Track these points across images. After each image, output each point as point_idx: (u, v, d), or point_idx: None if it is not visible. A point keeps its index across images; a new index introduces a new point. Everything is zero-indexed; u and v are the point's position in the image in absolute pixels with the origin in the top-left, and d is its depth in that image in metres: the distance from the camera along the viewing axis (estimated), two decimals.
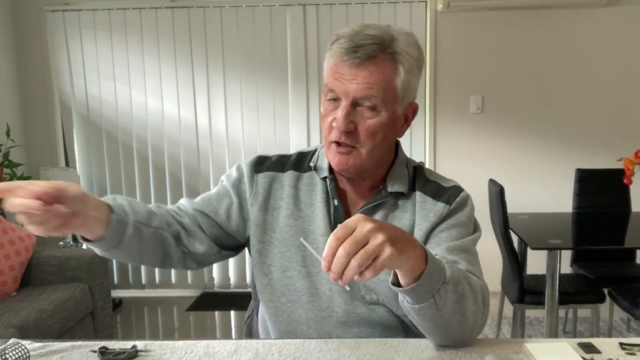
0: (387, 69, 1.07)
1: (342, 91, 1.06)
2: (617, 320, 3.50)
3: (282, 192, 1.22)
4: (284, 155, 1.28)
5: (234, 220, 1.21)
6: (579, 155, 3.75)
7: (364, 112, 1.07)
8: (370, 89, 1.05)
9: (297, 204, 1.21)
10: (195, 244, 1.17)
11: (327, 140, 1.12)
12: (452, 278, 0.94)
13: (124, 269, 4.09)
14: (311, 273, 1.18)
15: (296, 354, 1.04)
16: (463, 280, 0.98)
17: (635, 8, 3.62)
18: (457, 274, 0.96)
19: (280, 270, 1.19)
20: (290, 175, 1.23)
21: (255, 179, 1.22)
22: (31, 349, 1.07)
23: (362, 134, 1.08)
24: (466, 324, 1.00)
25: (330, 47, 1.10)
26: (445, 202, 1.16)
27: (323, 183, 1.20)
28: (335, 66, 1.07)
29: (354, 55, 1.04)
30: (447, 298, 0.94)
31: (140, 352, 1.05)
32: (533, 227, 3.04)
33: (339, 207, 1.18)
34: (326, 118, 1.11)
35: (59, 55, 3.89)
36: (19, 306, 2.62)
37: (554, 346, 1.01)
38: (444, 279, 0.92)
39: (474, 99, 3.75)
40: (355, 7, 3.71)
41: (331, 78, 1.08)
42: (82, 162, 4.01)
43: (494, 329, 3.35)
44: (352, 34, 1.06)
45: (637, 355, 1.01)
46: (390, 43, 1.07)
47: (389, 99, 1.08)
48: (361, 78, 1.05)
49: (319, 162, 1.23)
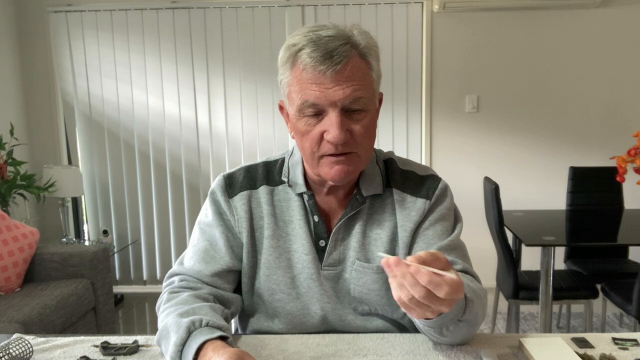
0: (363, 66, 1.02)
1: (327, 102, 0.99)
2: (610, 316, 3.52)
3: (260, 210, 1.15)
4: (250, 169, 1.19)
5: (237, 254, 1.16)
6: (572, 154, 3.75)
7: (354, 116, 1.02)
8: (357, 91, 0.99)
9: (277, 222, 1.15)
10: (232, 306, 1.14)
11: (314, 155, 1.04)
12: (469, 315, 0.94)
13: (126, 266, 4.11)
14: (301, 294, 1.14)
15: (295, 348, 1.04)
16: (479, 308, 0.98)
17: (627, 9, 3.62)
18: (475, 308, 0.96)
19: (268, 294, 1.15)
20: (263, 191, 1.16)
21: (232, 205, 1.15)
22: (34, 344, 1.07)
23: (358, 137, 1.02)
24: (473, 332, 1.02)
25: (289, 59, 1.02)
26: (424, 197, 1.13)
27: (299, 198, 1.14)
28: (309, 79, 0.99)
29: (330, 61, 0.97)
30: (457, 330, 0.96)
31: (141, 347, 1.06)
32: (527, 224, 3.05)
33: (320, 223, 1.13)
34: (309, 134, 1.02)
35: (62, 55, 3.90)
36: (22, 302, 2.64)
37: (548, 341, 1.02)
38: (460, 317, 0.93)
39: (469, 98, 3.76)
40: (352, 8, 3.72)
41: (308, 92, 0.99)
42: (84, 160, 4.02)
43: (489, 324, 3.37)
44: (314, 40, 0.99)
45: (629, 349, 1.01)
46: (352, 39, 1.01)
47: (371, 95, 1.04)
48: (345, 83, 0.98)
49: (291, 175, 1.15)
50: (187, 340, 0.91)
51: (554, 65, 3.73)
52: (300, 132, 1.04)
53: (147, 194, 4.02)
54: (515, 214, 3.25)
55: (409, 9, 3.71)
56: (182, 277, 1.12)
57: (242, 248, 1.15)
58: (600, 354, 0.98)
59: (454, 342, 1.02)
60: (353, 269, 1.12)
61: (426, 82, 3.77)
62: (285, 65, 1.03)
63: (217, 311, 1.01)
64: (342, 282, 1.14)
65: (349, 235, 1.13)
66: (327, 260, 1.13)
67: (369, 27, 3.70)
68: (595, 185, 3.38)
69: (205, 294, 1.08)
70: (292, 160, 1.17)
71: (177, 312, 0.99)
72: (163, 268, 4.08)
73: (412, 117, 3.81)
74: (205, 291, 1.09)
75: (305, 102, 1.00)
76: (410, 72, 3.75)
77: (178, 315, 0.97)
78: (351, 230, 1.13)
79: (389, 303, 1.12)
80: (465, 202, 3.46)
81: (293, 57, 1.01)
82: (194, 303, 1.02)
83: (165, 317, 1.00)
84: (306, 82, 0.99)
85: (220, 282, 1.12)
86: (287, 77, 1.04)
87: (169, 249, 4.07)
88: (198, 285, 1.10)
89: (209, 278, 1.11)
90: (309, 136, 1.03)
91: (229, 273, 1.14)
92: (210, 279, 1.11)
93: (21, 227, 3.00)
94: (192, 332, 0.92)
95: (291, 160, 1.17)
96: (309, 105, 1.00)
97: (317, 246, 1.14)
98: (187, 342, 0.91)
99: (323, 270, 1.13)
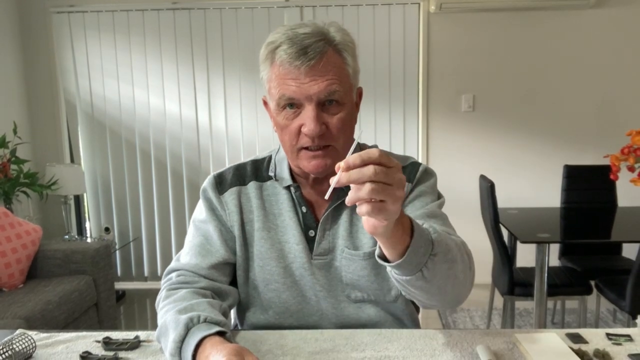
0: (338, 61, 1.05)
1: (303, 96, 1.03)
2: (604, 312, 3.52)
3: (250, 204, 1.19)
4: (238, 167, 1.24)
5: (232, 247, 1.19)
6: (567, 152, 3.76)
7: (330, 109, 1.05)
8: (331, 84, 1.02)
9: (266, 214, 1.18)
10: (228, 298, 1.15)
11: (293, 148, 1.08)
12: (440, 247, 0.89)
13: (127, 262, 4.14)
14: (295, 282, 1.17)
15: (293, 343, 1.04)
16: (452, 244, 0.94)
17: (620, 9, 3.65)
18: (444, 240, 0.91)
19: (263, 284, 1.18)
20: (252, 187, 1.20)
21: (223, 201, 1.19)
22: (37, 339, 1.07)
23: (334, 130, 1.06)
24: (458, 285, 0.97)
25: (268, 56, 1.06)
26: (407, 181, 1.09)
27: (287, 192, 1.18)
28: (286, 74, 1.03)
29: (305, 57, 1.01)
30: (435, 269, 0.89)
31: (142, 342, 1.06)
32: (522, 222, 3.06)
33: (308, 214, 1.17)
34: (288, 127, 1.07)
35: (64, 56, 3.93)
36: (25, 298, 2.65)
37: (543, 336, 1.02)
38: (431, 251, 0.88)
39: (465, 98, 3.78)
40: (350, 9, 3.75)
41: (285, 86, 1.03)
42: (86, 159, 4.05)
43: (484, 320, 3.39)
44: (291, 37, 1.03)
45: (623, 345, 1.02)
46: (328, 36, 1.05)
47: (347, 89, 1.07)
48: (320, 78, 1.02)
49: (277, 171, 1.20)
50: (185, 337, 0.92)
51: (549, 65, 3.75)
52: (280, 126, 1.08)
53: (148, 191, 4.06)
54: (511, 211, 3.26)
55: (406, 9, 3.74)
56: (180, 272, 1.14)
57: (235, 241, 1.18)
58: (594, 349, 0.98)
59: (442, 292, 0.95)
60: (342, 256, 1.16)
61: (423, 82, 3.79)
62: (265, 62, 1.07)
63: (215, 307, 1.03)
64: (334, 270, 1.17)
65: (337, 225, 1.17)
66: (317, 250, 1.17)
67: (367, 27, 3.75)
68: (589, 183, 3.38)
69: (203, 288, 1.10)
70: (279, 157, 1.21)
71: (175, 308, 1.00)
72: (164, 264, 4.11)
73: (409, 116, 3.84)
74: (202, 284, 1.11)
75: (283, 96, 1.04)
76: (407, 72, 3.79)
77: (177, 312, 0.98)
78: (338, 220, 1.17)
79: (379, 287, 1.16)
80: (461, 200, 3.50)
81: (271, 54, 1.05)
82: (192, 299, 1.03)
83: (165, 314, 1.01)
84: (283, 78, 1.03)
85: (217, 275, 1.15)
86: (267, 73, 1.08)
87: (170, 245, 4.10)
88: (195, 279, 1.12)
89: (205, 271, 1.14)
90: (288, 130, 1.07)
91: (224, 265, 1.17)
92: (207, 272, 1.14)
93: (24, 224, 3.02)
94: (191, 329, 0.93)
95: (277, 157, 1.22)
96: (286, 100, 1.04)
97: (307, 236, 1.17)
98: (186, 338, 0.92)
99: (314, 259, 1.17)
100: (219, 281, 1.15)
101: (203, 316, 0.95)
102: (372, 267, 1.15)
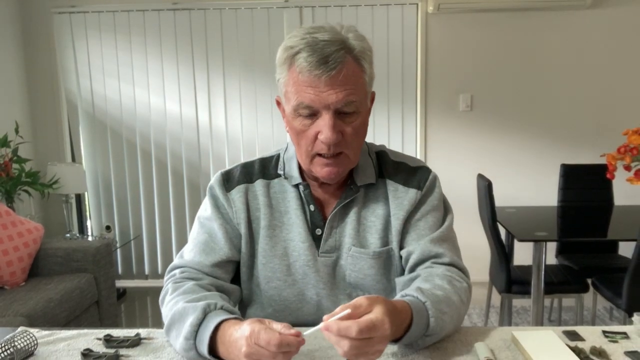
0: (356, 70, 1.05)
1: (321, 105, 1.03)
2: (600, 309, 3.54)
3: (257, 202, 1.19)
4: (246, 165, 1.24)
5: (236, 246, 1.19)
6: (564, 151, 3.77)
7: (346, 118, 1.06)
8: (350, 95, 1.03)
9: (273, 212, 1.18)
10: (231, 296, 1.16)
11: (309, 153, 1.09)
12: (437, 328, 0.97)
13: (128, 260, 4.15)
14: (296, 281, 1.17)
15: None
16: (448, 317, 1.01)
17: (617, 10, 3.66)
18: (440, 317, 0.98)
19: (265, 282, 1.18)
20: (260, 185, 1.20)
21: (230, 198, 1.19)
22: (39, 337, 1.07)
23: (349, 138, 1.07)
24: (452, 330, 1.06)
25: (286, 60, 1.05)
26: (416, 187, 1.17)
27: (295, 190, 1.19)
28: (305, 82, 1.02)
29: (326, 67, 1.00)
30: (430, 340, 0.99)
31: (143, 340, 1.06)
32: (520, 220, 3.08)
33: (315, 212, 1.17)
34: (305, 133, 1.07)
35: (66, 56, 3.93)
36: (27, 296, 2.66)
37: (540, 334, 1.02)
38: (425, 332, 0.96)
39: (463, 97, 3.79)
40: (349, 10, 3.75)
41: (304, 94, 1.03)
42: (87, 158, 4.05)
43: (482, 318, 3.41)
44: (310, 44, 1.02)
45: (619, 342, 1.03)
46: (347, 44, 1.04)
47: (363, 98, 1.08)
48: (339, 87, 1.02)
49: (286, 169, 1.20)
50: (203, 321, 0.94)
51: (546, 65, 3.76)
52: (296, 131, 1.09)
53: (148, 190, 4.07)
54: (508, 210, 3.28)
55: (404, 10, 3.75)
56: (183, 269, 1.15)
57: (240, 239, 1.18)
58: (590, 347, 0.99)
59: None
60: (349, 255, 1.16)
61: (421, 82, 3.80)
62: (283, 66, 1.07)
63: (225, 300, 1.04)
64: (339, 268, 1.17)
65: (344, 223, 1.17)
66: (324, 247, 1.17)
67: (365, 28, 3.76)
68: (586, 182, 3.40)
69: (207, 284, 1.11)
70: (287, 155, 1.22)
71: (187, 299, 1.01)
72: (164, 262, 4.12)
73: (407, 115, 3.85)
74: (206, 282, 1.11)
75: (301, 103, 1.04)
76: (405, 72, 3.80)
77: (191, 300, 0.99)
78: (346, 218, 1.18)
79: (383, 287, 1.17)
80: (459, 199, 3.51)
81: (290, 60, 1.04)
82: (200, 292, 1.05)
83: (174, 305, 1.02)
84: (302, 85, 1.03)
85: (220, 273, 1.16)
86: (284, 77, 1.07)
87: (170, 244, 4.12)
88: (199, 276, 1.13)
89: (209, 268, 1.14)
90: (304, 135, 1.07)
91: (227, 264, 1.18)
92: (210, 270, 1.14)
93: (26, 223, 3.03)
94: (209, 313, 0.95)
95: (286, 155, 1.22)
96: (304, 107, 1.04)
97: (313, 234, 1.18)
98: (204, 322, 0.93)
99: (320, 257, 1.17)
100: (222, 279, 1.16)
101: (220, 304, 0.98)
102: (379, 267, 1.16)
